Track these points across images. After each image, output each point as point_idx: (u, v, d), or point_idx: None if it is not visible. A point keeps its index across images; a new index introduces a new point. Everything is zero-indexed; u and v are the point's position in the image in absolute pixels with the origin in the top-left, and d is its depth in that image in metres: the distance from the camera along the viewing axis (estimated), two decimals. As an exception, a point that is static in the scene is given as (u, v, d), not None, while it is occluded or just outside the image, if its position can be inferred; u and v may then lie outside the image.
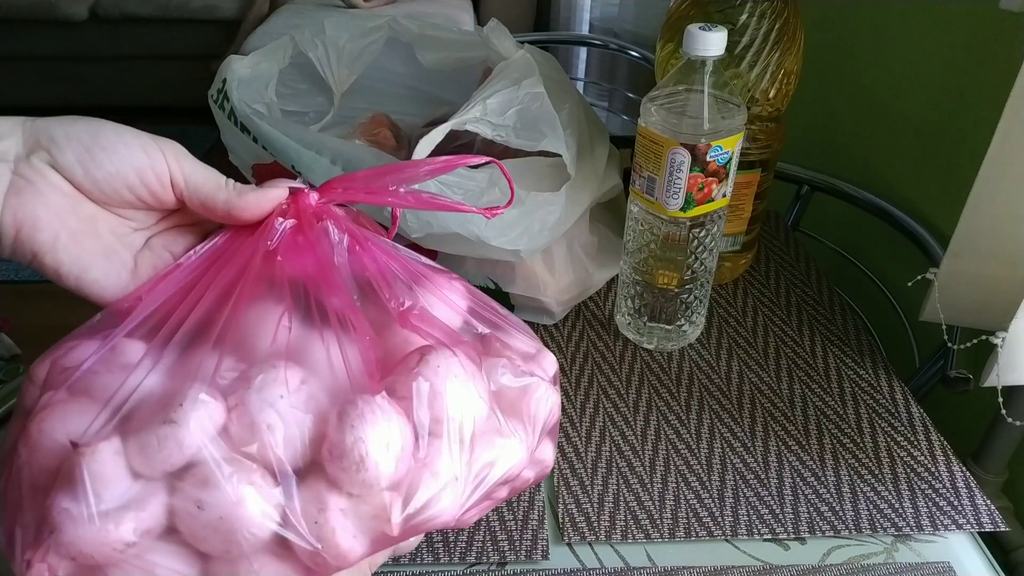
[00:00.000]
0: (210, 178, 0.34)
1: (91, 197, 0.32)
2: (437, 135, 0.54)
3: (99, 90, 2.89)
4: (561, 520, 0.47)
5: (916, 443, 0.53)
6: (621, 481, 0.50)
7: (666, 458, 0.52)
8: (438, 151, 0.56)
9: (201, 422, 0.27)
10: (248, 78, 0.67)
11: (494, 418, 0.33)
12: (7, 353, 1.73)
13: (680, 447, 0.53)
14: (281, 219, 0.34)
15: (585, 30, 2.47)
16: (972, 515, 0.47)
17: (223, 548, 0.27)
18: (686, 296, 0.59)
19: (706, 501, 0.48)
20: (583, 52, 2.47)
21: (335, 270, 0.33)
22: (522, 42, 0.65)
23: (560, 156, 0.57)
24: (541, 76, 0.58)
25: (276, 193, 0.34)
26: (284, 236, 0.33)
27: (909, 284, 0.56)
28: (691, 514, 0.48)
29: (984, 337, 0.51)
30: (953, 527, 0.47)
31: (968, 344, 0.55)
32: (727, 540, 0.46)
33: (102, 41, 2.77)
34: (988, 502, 0.48)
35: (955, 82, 0.72)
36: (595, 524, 0.47)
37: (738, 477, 0.50)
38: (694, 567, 0.45)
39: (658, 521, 0.47)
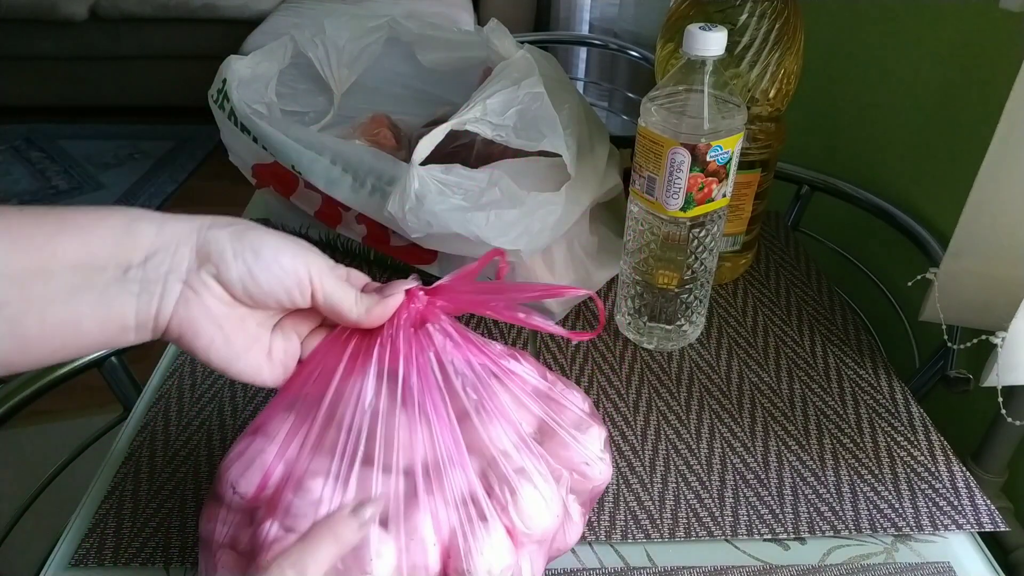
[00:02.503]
0: (345, 295, 0.38)
1: (242, 303, 0.36)
2: (437, 135, 0.54)
3: (99, 90, 2.89)
4: (561, 520, 0.47)
5: (916, 443, 0.53)
6: (621, 481, 0.50)
7: (666, 458, 0.52)
8: (438, 151, 0.56)
9: (387, 567, 0.35)
10: (248, 78, 0.67)
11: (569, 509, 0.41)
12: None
13: (680, 447, 0.53)
14: (402, 321, 0.39)
15: (585, 30, 2.47)
16: (972, 515, 0.47)
17: None
18: (686, 296, 0.59)
19: (706, 501, 0.48)
20: (583, 52, 2.47)
21: (445, 374, 0.39)
22: (522, 42, 0.65)
23: (560, 156, 0.57)
24: (541, 76, 0.58)
25: (395, 301, 0.39)
26: (402, 338, 0.39)
27: (909, 284, 0.56)
28: (691, 514, 0.48)
29: (984, 337, 0.51)
30: (953, 527, 0.47)
31: (968, 344, 0.55)
32: (727, 540, 0.46)
33: (102, 41, 2.77)
34: (988, 502, 0.48)
35: (955, 82, 0.72)
36: (595, 524, 0.47)
37: (738, 477, 0.50)
38: (694, 567, 0.45)
39: (658, 521, 0.47)
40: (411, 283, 0.40)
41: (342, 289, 0.37)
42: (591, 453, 0.42)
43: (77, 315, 0.32)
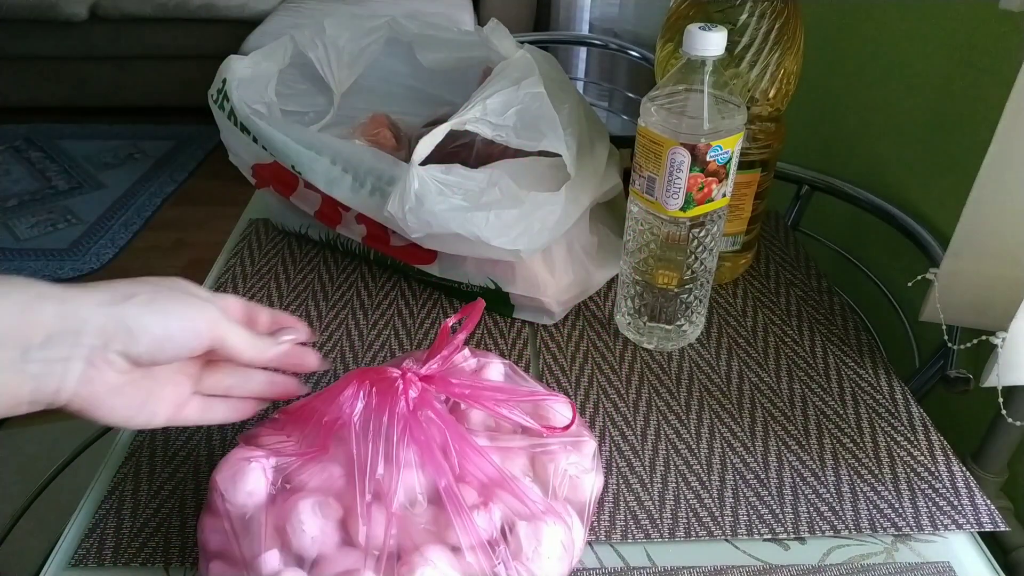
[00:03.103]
0: (242, 339, 0.40)
1: (144, 367, 0.37)
2: (437, 135, 0.54)
3: (99, 90, 2.90)
4: (561, 520, 0.47)
5: (916, 443, 0.53)
6: (621, 481, 0.50)
7: (666, 458, 0.52)
8: (438, 151, 0.56)
9: None
10: (248, 78, 0.67)
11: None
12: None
13: (680, 447, 0.53)
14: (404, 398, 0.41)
15: (585, 30, 2.47)
16: (972, 515, 0.47)
17: None
18: (686, 296, 0.59)
19: (706, 501, 0.48)
20: (583, 52, 2.47)
21: (448, 452, 0.40)
22: (522, 42, 0.65)
23: (560, 156, 0.57)
24: (541, 76, 0.58)
25: (287, 345, 0.42)
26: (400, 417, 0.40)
27: (909, 284, 0.56)
28: (691, 514, 0.48)
29: (984, 337, 0.51)
30: (953, 527, 0.47)
31: (968, 344, 0.55)
32: (727, 540, 0.46)
33: (102, 41, 2.77)
34: (988, 502, 0.48)
35: (955, 82, 0.72)
36: (595, 524, 0.47)
37: (738, 477, 0.50)
38: (694, 567, 0.45)
39: (658, 521, 0.47)
40: (298, 328, 0.43)
41: (238, 334, 0.40)
42: (581, 466, 0.43)
43: None
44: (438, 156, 0.57)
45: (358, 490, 0.38)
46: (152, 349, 0.36)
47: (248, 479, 0.39)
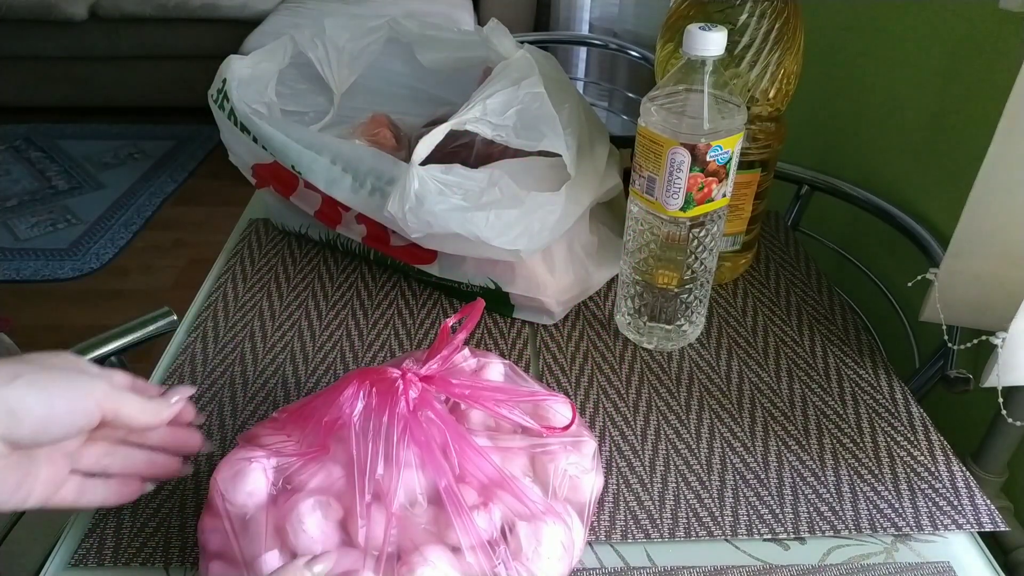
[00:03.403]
0: (134, 406, 0.39)
1: (25, 449, 0.36)
2: (437, 135, 0.54)
3: (99, 90, 2.90)
4: (561, 520, 0.47)
5: (916, 443, 0.53)
6: (621, 481, 0.50)
7: (666, 458, 0.52)
8: (438, 151, 0.56)
9: None
10: (248, 78, 0.67)
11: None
12: (7, 353, 1.73)
13: (680, 447, 0.53)
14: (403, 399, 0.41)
15: (585, 30, 2.47)
16: (972, 515, 0.47)
17: None
18: (686, 296, 0.59)
19: (706, 501, 0.48)
20: (583, 52, 2.47)
21: (449, 453, 0.40)
22: (522, 42, 0.65)
23: (560, 156, 0.57)
24: (541, 76, 0.58)
25: (180, 405, 0.42)
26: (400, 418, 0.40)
27: (909, 284, 0.56)
28: (691, 514, 0.48)
29: (984, 337, 0.51)
30: (953, 527, 0.47)
31: (968, 344, 0.55)
32: (727, 540, 0.46)
33: (102, 41, 2.77)
34: (988, 502, 0.48)
35: (955, 82, 0.72)
36: (595, 524, 0.47)
37: (738, 477, 0.50)
38: (694, 567, 0.45)
39: (658, 521, 0.47)
40: (187, 391, 0.42)
41: (130, 401, 0.39)
42: (581, 466, 0.43)
43: None
44: (438, 156, 0.57)
45: (358, 490, 0.38)
46: (36, 431, 0.35)
47: (248, 479, 0.39)
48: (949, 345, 0.59)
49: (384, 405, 0.40)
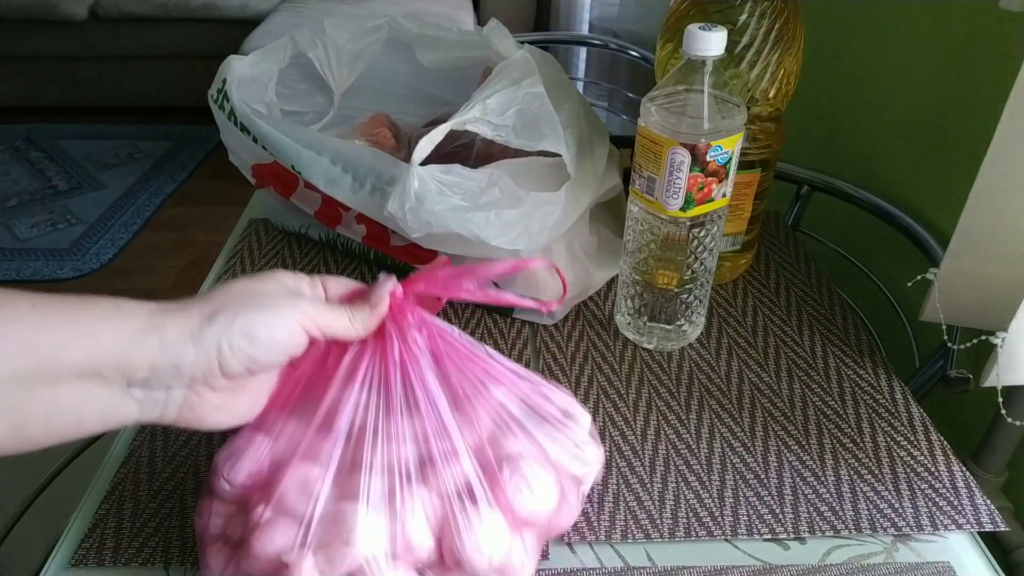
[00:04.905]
0: (339, 322, 0.38)
1: (246, 378, 0.37)
2: (437, 135, 0.54)
3: (99, 90, 2.90)
4: (561, 520, 0.47)
5: (916, 443, 0.53)
6: (621, 481, 0.50)
7: (666, 458, 0.52)
8: (438, 151, 0.56)
9: (369, 541, 0.36)
10: (248, 78, 0.67)
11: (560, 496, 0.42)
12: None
13: (680, 447, 0.53)
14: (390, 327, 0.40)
15: (585, 30, 2.47)
16: (972, 515, 0.47)
17: None
18: (686, 296, 0.59)
19: (706, 501, 0.48)
20: (583, 52, 2.46)
21: (428, 367, 0.40)
22: (522, 42, 0.65)
23: (560, 156, 0.57)
24: (541, 76, 0.58)
25: (385, 307, 0.40)
26: (391, 340, 0.40)
27: (909, 284, 0.56)
28: (691, 514, 0.48)
29: (984, 337, 0.51)
30: (953, 527, 0.47)
31: (968, 344, 0.55)
32: (727, 540, 0.46)
33: (102, 41, 2.77)
34: (988, 502, 0.48)
35: (955, 82, 0.72)
36: (595, 524, 0.47)
37: (738, 477, 0.50)
38: (694, 567, 0.45)
39: (658, 521, 0.47)
40: (390, 283, 0.40)
41: (335, 318, 0.38)
42: (579, 436, 0.43)
43: (80, 418, 0.33)
44: (438, 156, 0.57)
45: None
46: (246, 363, 0.35)
47: (249, 460, 0.39)
48: (949, 345, 0.59)
49: (372, 350, 0.40)
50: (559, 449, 0.42)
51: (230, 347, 0.34)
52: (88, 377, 0.32)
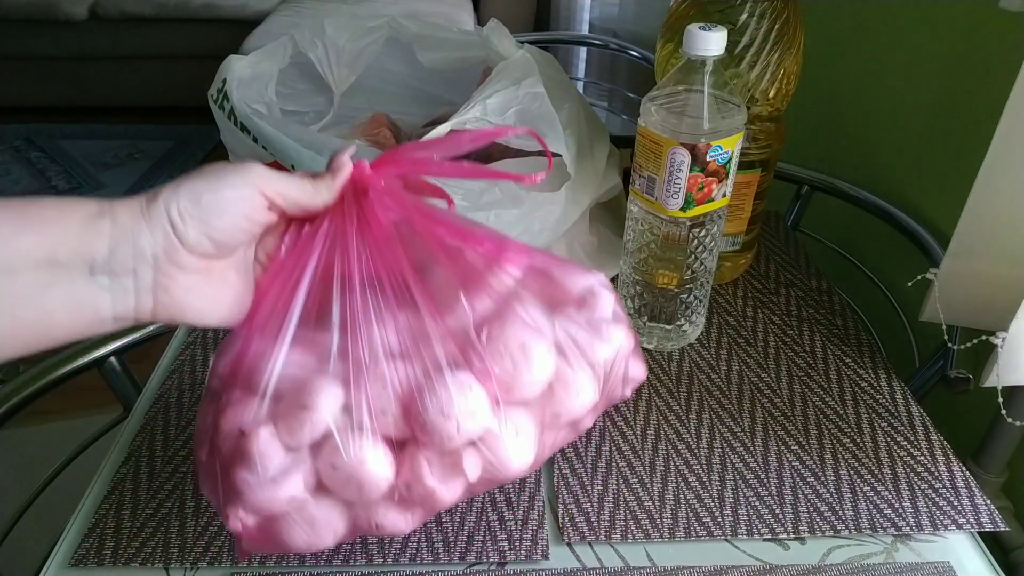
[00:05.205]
0: (301, 187, 0.37)
1: (216, 257, 0.36)
2: (437, 135, 0.54)
3: (99, 90, 2.90)
4: (561, 520, 0.47)
5: (916, 443, 0.53)
6: (621, 481, 0.50)
7: (666, 458, 0.52)
8: (438, 151, 0.56)
9: (328, 405, 0.35)
10: (248, 78, 0.67)
11: (564, 367, 0.39)
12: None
13: (680, 447, 0.53)
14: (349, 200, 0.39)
15: (585, 30, 2.47)
16: (972, 515, 0.47)
17: (357, 497, 0.37)
18: (686, 296, 0.59)
19: (706, 501, 0.48)
20: (583, 52, 2.46)
21: (395, 240, 0.38)
22: (522, 42, 0.65)
23: (560, 156, 0.57)
24: (541, 76, 0.58)
25: (348, 170, 0.38)
26: (355, 215, 0.38)
27: (909, 284, 0.56)
28: (691, 514, 0.48)
29: (984, 337, 0.51)
30: (953, 527, 0.47)
31: (968, 344, 0.55)
32: (727, 540, 0.46)
33: (102, 41, 2.77)
34: (988, 502, 0.48)
35: (955, 82, 0.72)
36: (595, 524, 0.47)
37: (738, 477, 0.50)
38: (694, 567, 0.45)
39: (658, 521, 0.47)
40: (352, 147, 0.39)
41: (297, 186, 0.37)
42: (596, 316, 0.41)
43: (47, 312, 0.32)
44: (438, 156, 0.57)
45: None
46: (203, 233, 0.34)
47: (231, 351, 0.38)
48: (949, 345, 0.59)
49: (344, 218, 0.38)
50: (568, 326, 0.40)
51: (180, 215, 0.33)
52: (46, 266, 0.31)
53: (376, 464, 0.36)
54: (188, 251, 0.34)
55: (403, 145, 0.40)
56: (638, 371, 0.45)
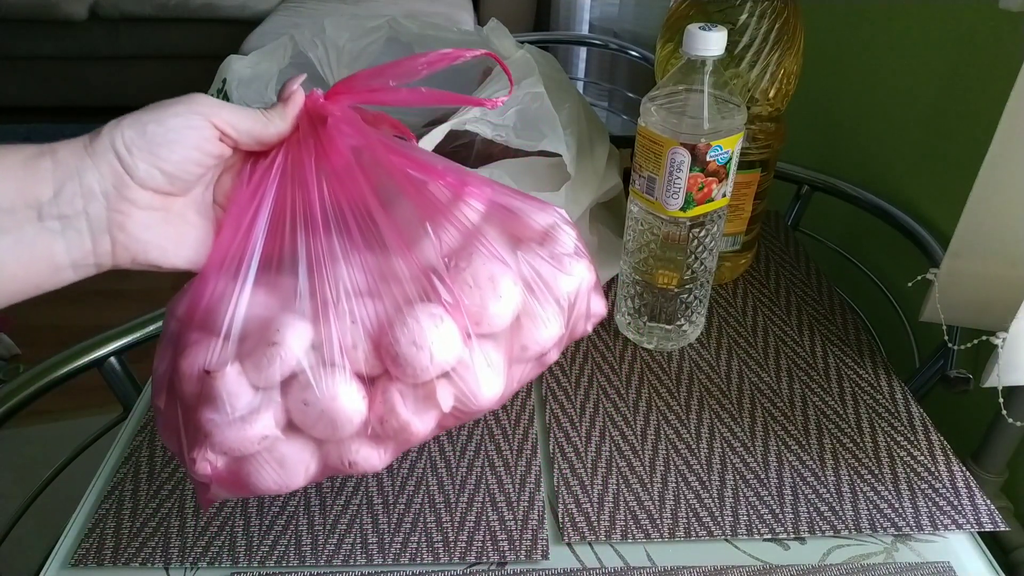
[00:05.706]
0: (254, 118, 0.36)
1: (172, 193, 0.35)
2: (437, 135, 0.54)
3: (99, 90, 2.89)
4: (561, 520, 0.47)
5: (916, 443, 0.53)
6: (621, 481, 0.50)
7: (666, 458, 0.52)
8: (438, 151, 0.56)
9: (296, 341, 0.35)
10: (248, 78, 0.67)
11: (530, 300, 0.40)
12: (7, 353, 1.73)
13: (680, 447, 0.53)
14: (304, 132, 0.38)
15: (585, 30, 2.47)
16: (972, 515, 0.47)
17: (330, 434, 0.36)
18: (686, 296, 0.59)
19: (706, 501, 0.48)
20: (583, 52, 2.47)
21: (355, 168, 0.37)
22: (522, 42, 0.65)
23: (560, 156, 0.57)
24: (541, 76, 0.58)
25: (300, 97, 0.38)
26: (312, 145, 0.37)
27: (909, 284, 0.56)
28: (691, 514, 0.48)
29: (984, 337, 0.51)
30: (953, 527, 0.47)
31: (968, 344, 0.55)
32: (727, 540, 0.46)
33: (102, 41, 2.77)
34: (988, 502, 0.48)
35: (955, 82, 0.72)
36: (595, 524, 0.47)
37: (738, 477, 0.50)
38: (694, 567, 0.45)
39: (658, 521, 0.47)
40: (301, 76, 0.39)
41: (248, 115, 0.36)
42: (558, 250, 0.41)
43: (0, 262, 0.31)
44: (438, 156, 0.57)
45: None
46: (152, 164, 0.33)
47: (190, 293, 0.38)
48: (949, 345, 0.59)
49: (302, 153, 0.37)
50: (532, 260, 0.40)
51: (126, 147, 0.32)
52: None
53: (349, 399, 0.36)
54: (139, 185, 0.33)
55: (356, 73, 0.38)
56: (599, 307, 0.45)
